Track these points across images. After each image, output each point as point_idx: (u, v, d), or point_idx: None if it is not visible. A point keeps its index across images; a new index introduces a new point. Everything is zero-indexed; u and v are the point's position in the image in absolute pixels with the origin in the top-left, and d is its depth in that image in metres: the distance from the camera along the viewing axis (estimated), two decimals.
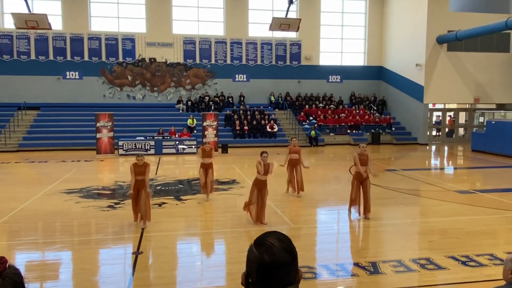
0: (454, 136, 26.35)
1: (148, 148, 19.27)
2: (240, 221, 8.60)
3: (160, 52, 25.26)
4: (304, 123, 24.91)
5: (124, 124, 22.68)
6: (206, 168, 10.09)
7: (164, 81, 25.46)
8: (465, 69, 23.84)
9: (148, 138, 19.60)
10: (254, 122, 23.47)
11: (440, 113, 26.35)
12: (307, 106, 25.88)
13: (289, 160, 10.54)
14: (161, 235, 7.52)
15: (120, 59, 24.85)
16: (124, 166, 17.37)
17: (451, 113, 26.69)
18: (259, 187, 8.21)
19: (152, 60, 25.24)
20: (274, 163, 8.50)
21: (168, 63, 25.42)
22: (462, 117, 26.86)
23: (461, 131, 26.91)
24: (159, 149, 19.33)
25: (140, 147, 19.18)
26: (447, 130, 26.40)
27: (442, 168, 17.01)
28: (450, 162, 19.11)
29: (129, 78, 25.07)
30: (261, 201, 8.20)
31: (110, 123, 19.12)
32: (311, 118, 25.39)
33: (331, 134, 24.33)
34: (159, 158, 18.31)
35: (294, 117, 25.40)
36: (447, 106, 26.29)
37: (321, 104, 26.16)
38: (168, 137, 19.91)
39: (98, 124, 19.03)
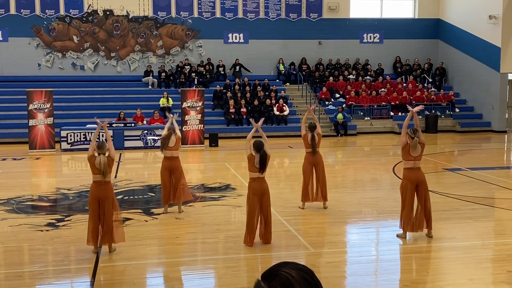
0: None
1: (104, 140, 19.29)
2: (237, 244, 8.62)
3: (119, 2, 25.18)
4: (327, 102, 24.89)
5: (69, 106, 22.66)
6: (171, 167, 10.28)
7: (125, 44, 25.41)
8: None
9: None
10: (256, 102, 23.47)
11: None
12: (331, 78, 25.84)
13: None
14: (123, 266, 7.55)
15: (62, 12, 24.77)
16: (70, 166, 17.44)
17: None
18: None
19: (108, 13, 25.16)
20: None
21: (131, 17, 25.34)
22: None
23: None
24: (120, 141, 19.34)
25: (92, 138, 19.20)
26: None
27: None
28: None
29: (75, 39, 25.02)
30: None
31: (48, 105, 19.10)
32: (337, 95, 25.35)
33: (366, 119, 24.31)
34: (120, 154, 18.35)
35: (313, 94, 25.34)
36: None
37: (351, 76, 26.11)
38: (133, 125, 19.93)
39: (31, 107, 19.03)
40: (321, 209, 10.33)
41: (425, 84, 26.29)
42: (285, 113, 23.27)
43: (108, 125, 11.22)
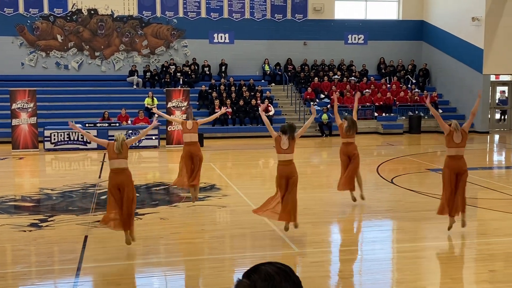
0: None
1: (88, 140, 19.19)
2: (222, 244, 8.61)
3: (104, 1, 25.03)
4: (312, 103, 24.95)
5: (53, 105, 22.51)
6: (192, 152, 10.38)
7: (110, 43, 25.27)
8: None
9: (87, 125, 19.50)
10: (241, 102, 23.47)
11: (506, 88, 26.60)
12: (316, 78, 25.93)
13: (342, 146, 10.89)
14: (109, 267, 7.51)
15: (46, 11, 24.57)
16: (53, 166, 17.29)
17: None
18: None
19: (93, 12, 25.00)
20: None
21: (115, 16, 25.21)
22: None
23: None
24: None
25: (76, 138, 19.08)
26: None
27: (509, 167, 17.18)
28: None
29: (59, 38, 24.83)
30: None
31: (31, 105, 18.97)
32: (322, 96, 25.44)
33: None
34: (104, 154, 18.23)
35: (298, 95, 25.41)
36: None
37: (336, 76, 26.22)
38: (117, 124, 19.82)
39: (14, 106, 18.86)
40: (305, 209, 10.33)
41: (409, 85, 26.49)
42: (271, 113, 23.30)
43: (94, 125, 11.16)
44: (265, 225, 9.34)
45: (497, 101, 26.49)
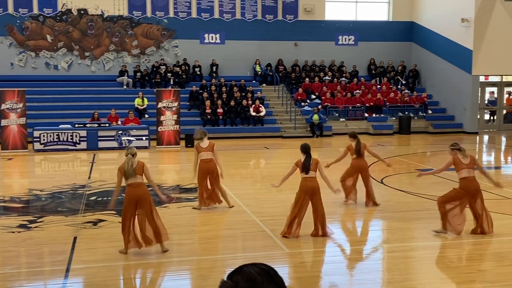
0: None
1: (78, 141, 19.10)
2: (213, 245, 8.61)
3: (94, 1, 24.92)
4: (303, 103, 25.00)
5: (42, 106, 22.37)
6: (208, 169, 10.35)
7: (100, 43, 25.16)
8: None
9: (77, 126, 19.42)
10: (232, 103, 23.46)
11: (495, 89, 26.78)
12: (307, 79, 25.97)
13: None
14: (97, 268, 7.48)
15: (35, 11, 24.42)
16: (42, 167, 17.21)
17: (511, 89, 27.13)
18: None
19: (82, 12, 24.88)
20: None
21: (105, 16, 25.11)
22: None
23: None
24: (94, 142, 19.16)
25: (65, 139, 18.99)
26: (504, 112, 26.86)
27: (498, 167, 17.29)
28: (509, 158, 19.46)
29: (49, 38, 24.69)
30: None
31: (21, 105, 18.87)
32: (313, 96, 25.48)
33: (341, 120, 24.49)
34: (94, 155, 18.17)
35: (289, 95, 25.43)
36: (506, 79, 26.66)
37: (327, 77, 26.28)
38: (107, 125, 19.75)
39: (3, 106, 18.75)
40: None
41: (399, 86, 26.59)
42: (262, 114, 23.31)
43: (83, 125, 11.10)
44: (256, 226, 9.35)
45: (486, 102, 26.66)
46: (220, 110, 23.05)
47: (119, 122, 20.65)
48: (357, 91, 25.45)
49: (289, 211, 8.66)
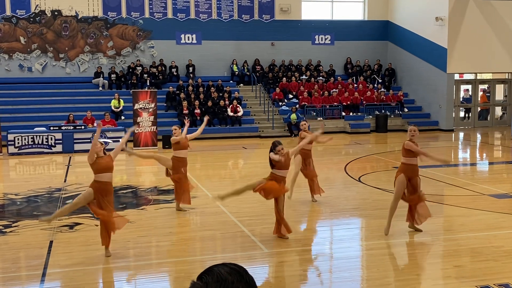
0: (489, 118, 27.27)
1: (53, 144, 18.88)
2: (190, 246, 8.59)
3: (68, 2, 24.65)
4: (280, 103, 25.06)
5: (16, 109, 22.08)
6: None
7: (74, 45, 24.91)
8: (504, 25, 24.66)
9: (52, 128, 19.20)
10: (210, 103, 23.41)
11: (469, 87, 27.17)
12: (284, 79, 26.05)
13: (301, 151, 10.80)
14: (73, 271, 7.41)
15: (8, 13, 24.06)
16: (17, 171, 16.96)
17: (485, 87, 27.57)
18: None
19: (56, 13, 24.60)
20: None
21: (80, 17, 24.86)
22: (501, 92, 27.82)
23: (498, 111, 27.87)
24: (69, 144, 18.96)
25: (40, 142, 18.76)
26: (479, 110, 27.28)
27: (473, 164, 17.57)
28: (484, 154, 19.77)
29: (22, 40, 24.36)
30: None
31: None
32: (290, 96, 25.56)
33: (319, 119, 24.61)
34: (70, 157, 17.98)
35: (267, 95, 25.47)
36: (480, 76, 27.07)
37: (304, 76, 26.39)
38: (83, 127, 19.57)
39: None
40: (273, 209, 10.37)
41: (375, 85, 26.83)
42: (239, 114, 23.32)
43: (58, 128, 11.04)
44: (235, 226, 9.36)
45: (461, 100, 27.05)
46: (197, 111, 22.99)
47: (95, 124, 20.47)
48: (334, 90, 25.62)
49: (269, 211, 8.67)
